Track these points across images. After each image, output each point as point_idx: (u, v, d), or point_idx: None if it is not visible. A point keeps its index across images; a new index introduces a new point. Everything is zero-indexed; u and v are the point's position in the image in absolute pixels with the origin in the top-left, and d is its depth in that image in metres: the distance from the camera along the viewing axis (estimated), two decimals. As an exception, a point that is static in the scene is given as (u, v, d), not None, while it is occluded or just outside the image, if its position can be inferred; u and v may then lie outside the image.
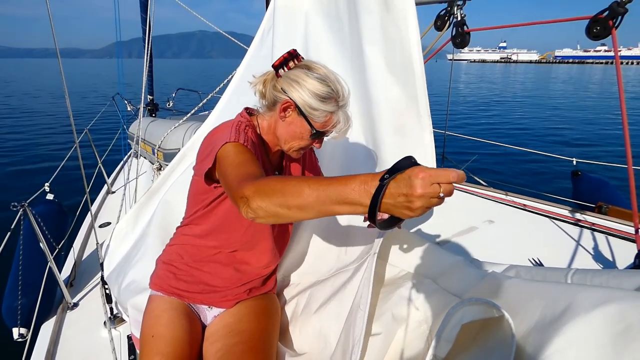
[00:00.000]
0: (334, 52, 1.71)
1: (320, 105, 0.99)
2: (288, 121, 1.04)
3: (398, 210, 0.63)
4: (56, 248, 1.85)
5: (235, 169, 0.85)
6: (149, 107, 4.26)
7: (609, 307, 0.64)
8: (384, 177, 0.63)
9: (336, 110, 1.02)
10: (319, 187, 0.67)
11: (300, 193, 0.67)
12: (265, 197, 0.70)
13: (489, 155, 7.29)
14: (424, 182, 0.59)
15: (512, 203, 2.35)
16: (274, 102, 1.04)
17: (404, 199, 0.61)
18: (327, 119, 1.02)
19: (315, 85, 0.98)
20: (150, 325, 1.03)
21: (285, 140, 1.07)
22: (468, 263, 1.12)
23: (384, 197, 0.62)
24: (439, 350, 0.84)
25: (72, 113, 1.64)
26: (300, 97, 0.99)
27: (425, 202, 0.60)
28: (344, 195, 0.65)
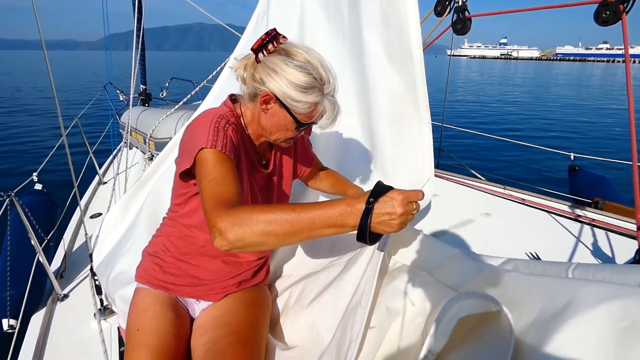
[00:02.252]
0: (331, 39, 1.66)
1: (301, 96, 0.91)
2: (270, 113, 0.97)
3: (381, 227, 0.72)
4: (45, 239, 1.82)
5: (210, 186, 0.80)
6: (141, 97, 4.20)
7: (612, 303, 0.61)
8: (370, 201, 0.72)
9: (321, 100, 0.94)
10: (309, 212, 0.71)
11: (289, 221, 0.71)
12: (247, 227, 0.70)
13: (486, 148, 7.29)
14: (403, 203, 0.71)
15: (510, 197, 2.33)
16: (254, 93, 0.96)
17: (387, 218, 0.71)
18: (312, 110, 0.95)
19: (294, 74, 0.90)
20: (136, 318, 1.00)
21: (271, 132, 1.00)
22: (465, 256, 1.10)
23: (372, 218, 0.71)
24: (434, 345, 0.82)
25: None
26: (279, 88, 0.91)
27: (404, 219, 0.71)
28: (332, 218, 0.71)
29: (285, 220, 0.70)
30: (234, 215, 0.72)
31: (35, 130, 9.20)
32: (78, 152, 3.43)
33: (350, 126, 1.68)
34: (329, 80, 0.94)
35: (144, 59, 4.22)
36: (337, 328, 0.98)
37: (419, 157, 1.55)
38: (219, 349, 0.93)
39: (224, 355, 0.91)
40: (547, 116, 12.36)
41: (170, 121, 2.64)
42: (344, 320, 0.98)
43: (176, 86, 4.84)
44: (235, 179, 0.84)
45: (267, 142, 1.10)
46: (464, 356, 0.80)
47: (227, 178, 0.82)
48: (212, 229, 0.73)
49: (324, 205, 0.72)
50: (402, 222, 0.71)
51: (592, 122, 11.27)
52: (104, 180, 3.10)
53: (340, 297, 1.04)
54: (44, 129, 9.28)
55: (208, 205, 0.77)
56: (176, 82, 4.87)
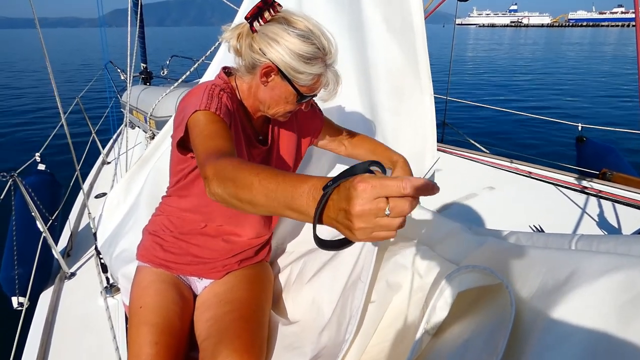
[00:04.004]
0: (330, 9, 1.60)
1: (305, 67, 0.87)
2: (270, 86, 0.92)
3: (342, 228, 0.49)
4: (50, 219, 1.84)
5: (203, 141, 0.77)
6: (142, 76, 4.14)
7: (616, 274, 0.59)
8: (327, 185, 0.50)
9: (324, 71, 0.90)
10: (269, 184, 0.56)
11: (250, 187, 0.59)
12: (221, 184, 0.63)
13: (492, 121, 7.15)
14: (364, 196, 0.45)
15: (516, 170, 2.29)
16: (252, 65, 0.91)
17: (343, 216, 0.47)
18: (315, 82, 0.91)
19: (297, 44, 0.85)
20: (138, 297, 1.01)
21: (269, 106, 0.96)
22: (466, 229, 1.08)
23: (325, 210, 0.50)
24: (434, 319, 0.82)
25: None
26: (281, 59, 0.86)
27: (369, 223, 0.46)
28: (291, 200, 0.53)
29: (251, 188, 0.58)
30: (218, 166, 0.66)
31: (38, 110, 9.20)
32: (80, 132, 3.44)
33: (350, 98, 1.64)
34: (330, 50, 0.90)
35: (143, 36, 4.12)
36: (337, 303, 0.98)
37: (420, 129, 1.52)
38: (222, 326, 0.94)
39: (227, 332, 0.92)
40: (556, 86, 12.04)
41: (170, 99, 2.60)
42: (344, 295, 0.98)
43: (177, 64, 4.76)
44: (228, 137, 0.80)
45: (264, 117, 1.06)
46: (464, 330, 0.80)
47: (221, 134, 0.79)
48: (203, 179, 0.69)
49: (292, 181, 0.55)
50: (367, 228, 0.46)
51: (602, 92, 10.96)
52: (108, 160, 3.11)
53: (340, 273, 1.04)
54: (48, 108, 9.29)
55: (201, 158, 0.73)
56: (177, 60, 4.79)
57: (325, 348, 0.91)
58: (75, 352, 1.30)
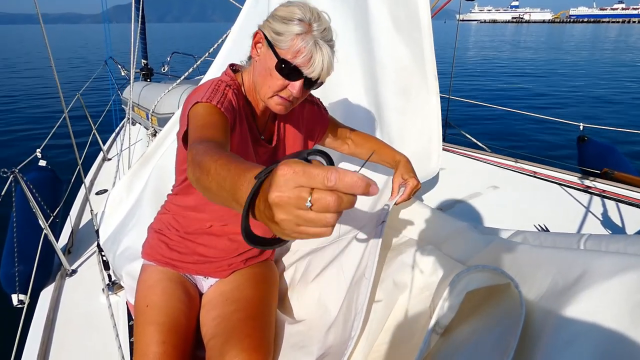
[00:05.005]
0: (336, 8, 1.59)
1: (283, 27, 0.85)
2: (259, 60, 0.91)
3: (267, 222, 0.43)
4: (51, 215, 1.83)
5: (195, 131, 0.75)
6: (143, 72, 4.12)
7: (628, 275, 0.59)
8: (260, 173, 0.44)
9: (303, 33, 0.85)
10: (222, 171, 0.52)
11: (208, 173, 0.54)
12: (192, 168, 0.61)
13: (494, 120, 7.14)
14: (282, 181, 0.39)
15: (519, 169, 2.28)
16: (251, 46, 0.94)
17: (266, 206, 0.41)
18: (293, 44, 0.84)
19: (282, 8, 0.88)
20: (144, 296, 1.00)
21: (260, 85, 0.91)
22: (472, 229, 1.08)
23: (257, 201, 0.44)
24: (442, 318, 0.81)
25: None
26: (268, 25, 0.88)
27: (290, 215, 0.39)
28: (235, 190, 0.48)
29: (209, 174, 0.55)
30: (195, 151, 0.63)
31: (38, 107, 9.18)
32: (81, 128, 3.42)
33: (356, 97, 1.63)
34: (318, 21, 0.86)
35: (144, 32, 4.10)
36: (343, 301, 0.98)
37: (427, 129, 1.51)
38: (229, 324, 0.94)
39: (235, 330, 0.92)
40: (558, 85, 12.00)
41: (172, 96, 2.59)
42: (349, 293, 0.98)
43: (178, 61, 4.74)
44: (222, 129, 0.78)
45: (270, 114, 1.06)
46: (473, 330, 0.80)
47: (215, 125, 0.78)
48: None
49: (240, 168, 0.50)
50: (289, 220, 0.40)
51: (604, 91, 10.91)
52: (109, 156, 3.10)
53: (345, 271, 1.04)
54: (48, 105, 9.26)
55: (188, 146, 0.72)
56: (178, 57, 4.76)
57: (332, 347, 0.91)
58: (77, 349, 1.29)
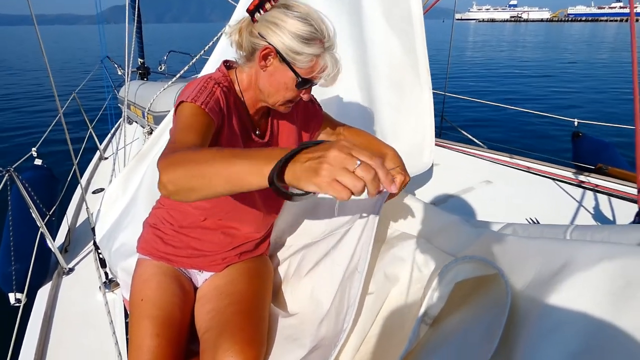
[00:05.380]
0: (330, 5, 1.60)
1: (303, 48, 0.87)
2: (270, 71, 0.91)
3: (306, 173, 0.54)
4: (47, 214, 1.83)
5: (174, 133, 0.77)
6: (140, 71, 4.13)
7: (610, 262, 0.60)
8: (307, 143, 0.59)
9: (322, 52, 0.89)
10: (233, 151, 0.62)
11: (204, 164, 0.62)
12: (177, 169, 0.65)
13: (490, 116, 7.15)
14: (342, 146, 0.54)
15: (513, 164, 2.29)
16: (252, 50, 0.91)
17: (315, 162, 0.54)
18: (313, 64, 0.89)
19: (296, 25, 0.85)
20: (139, 290, 1.01)
21: (269, 94, 0.94)
22: (463, 222, 1.09)
23: (293, 160, 0.56)
24: (431, 309, 0.82)
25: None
26: (280, 40, 0.86)
27: (336, 166, 0.53)
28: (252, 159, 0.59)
29: (208, 158, 0.63)
30: (170, 157, 0.67)
31: (34, 106, 9.16)
32: (77, 128, 3.42)
33: (349, 92, 1.64)
34: (329, 34, 0.90)
35: (140, 31, 4.11)
36: (335, 294, 0.99)
37: (419, 123, 1.53)
38: (223, 318, 0.94)
39: (229, 324, 0.92)
40: (554, 82, 12.02)
41: (168, 94, 2.59)
42: (341, 286, 0.98)
43: (175, 60, 4.73)
44: (202, 132, 0.79)
45: (263, 111, 1.06)
46: (461, 320, 0.81)
47: (193, 127, 0.79)
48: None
49: (258, 149, 0.62)
50: (329, 175, 0.53)
51: (599, 87, 10.93)
52: (105, 155, 3.10)
53: (338, 265, 1.05)
54: (45, 104, 9.25)
55: (162, 151, 0.73)
56: (176, 56, 4.76)
57: (324, 339, 0.91)
58: (75, 347, 1.29)
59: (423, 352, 0.79)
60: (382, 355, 0.86)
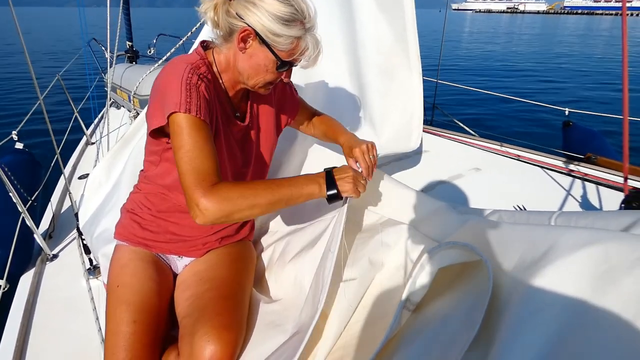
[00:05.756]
0: None
1: (283, 30, 0.84)
2: (249, 53, 0.89)
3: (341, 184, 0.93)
4: (29, 199, 1.79)
5: (187, 159, 0.81)
6: (128, 55, 4.03)
7: (592, 247, 0.59)
8: (326, 169, 0.97)
9: (303, 34, 0.87)
10: (284, 190, 0.87)
11: (268, 202, 0.85)
12: (232, 205, 0.80)
13: (482, 105, 7.17)
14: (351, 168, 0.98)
15: (501, 152, 2.29)
16: (230, 31, 0.88)
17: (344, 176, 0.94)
18: (294, 46, 0.88)
19: (275, 5, 0.82)
20: (116, 275, 0.99)
21: (249, 76, 0.92)
22: (450, 208, 1.08)
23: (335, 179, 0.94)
24: (414, 295, 0.82)
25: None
26: (259, 21, 0.83)
27: (354, 179, 0.94)
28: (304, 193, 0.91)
29: (263, 198, 0.83)
30: (217, 194, 0.78)
31: (18, 87, 8.93)
32: (63, 111, 3.34)
33: (339, 77, 1.62)
34: (309, 13, 0.88)
35: (128, 13, 4.01)
36: (313, 279, 0.98)
37: (408, 107, 1.51)
38: (201, 303, 0.93)
39: (206, 309, 0.91)
40: (548, 72, 12.06)
41: (154, 77, 2.53)
42: (318, 269, 0.98)
43: (165, 43, 4.64)
44: (212, 150, 0.83)
45: (243, 92, 1.03)
46: (444, 306, 0.80)
47: (204, 150, 0.82)
48: (194, 207, 0.78)
49: (296, 182, 0.89)
50: (355, 181, 0.93)
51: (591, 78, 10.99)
52: (92, 140, 3.03)
53: (320, 251, 1.04)
54: (29, 86, 9.01)
55: (187, 181, 0.79)
56: (166, 40, 4.65)
57: (304, 324, 0.91)
58: (57, 334, 1.27)
59: (405, 338, 0.78)
60: (365, 342, 0.86)
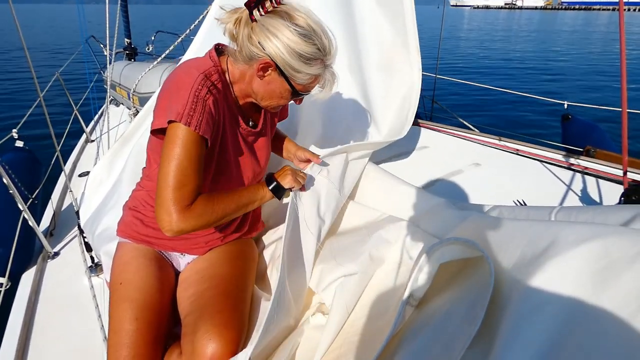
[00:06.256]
0: None
1: (303, 67, 0.88)
2: (267, 80, 0.92)
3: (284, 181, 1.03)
4: (30, 197, 1.78)
5: (173, 168, 0.83)
6: (127, 52, 4.02)
7: (592, 243, 0.59)
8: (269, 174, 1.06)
9: (322, 72, 0.92)
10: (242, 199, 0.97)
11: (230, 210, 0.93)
12: (200, 220, 0.86)
13: (481, 99, 7.17)
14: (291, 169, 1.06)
15: (503, 147, 2.29)
16: (250, 57, 0.90)
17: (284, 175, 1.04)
18: (312, 81, 0.93)
19: (298, 43, 0.85)
20: (119, 272, 0.99)
21: (263, 97, 0.97)
22: (450, 205, 1.09)
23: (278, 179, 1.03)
24: (416, 291, 0.82)
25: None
26: (280, 55, 0.86)
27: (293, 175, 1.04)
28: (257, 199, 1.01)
29: (229, 210, 0.92)
30: (191, 212, 0.84)
31: (18, 85, 8.88)
32: (63, 109, 3.33)
33: (339, 73, 1.61)
34: (330, 50, 0.91)
35: (126, 10, 3.99)
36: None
37: (406, 101, 1.52)
38: (202, 302, 0.94)
39: (207, 307, 0.92)
40: (546, 66, 12.05)
41: (153, 75, 2.53)
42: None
43: (164, 40, 4.61)
44: (199, 168, 0.86)
45: (252, 101, 1.05)
46: (446, 301, 0.81)
47: (192, 166, 0.85)
48: (164, 219, 0.82)
49: (251, 190, 1.00)
50: (293, 174, 1.02)
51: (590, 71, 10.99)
52: (92, 138, 3.03)
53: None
54: (29, 84, 8.96)
55: (166, 193, 0.82)
56: (165, 37, 4.63)
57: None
58: (59, 332, 1.28)
59: (407, 334, 0.79)
60: (367, 338, 0.86)
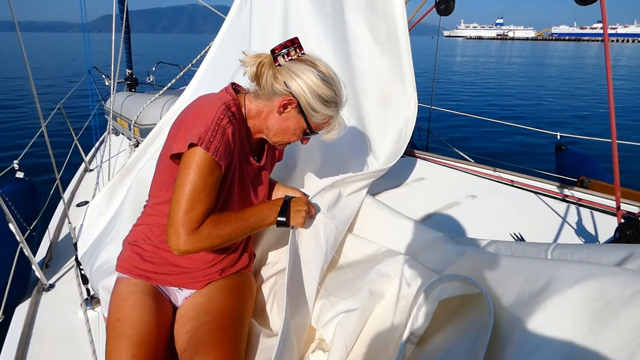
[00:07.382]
0: (316, 23, 1.63)
1: (322, 108, 0.98)
2: (285, 116, 1.01)
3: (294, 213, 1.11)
4: (27, 228, 1.78)
5: (188, 192, 0.90)
6: (128, 82, 4.10)
7: (588, 283, 0.61)
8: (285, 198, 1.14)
9: (335, 115, 1.03)
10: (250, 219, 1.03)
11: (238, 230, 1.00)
12: (207, 242, 0.93)
13: (475, 130, 7.30)
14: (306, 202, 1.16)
15: (498, 178, 2.32)
16: (272, 93, 0.99)
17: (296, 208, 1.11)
18: (325, 122, 1.03)
19: (321, 87, 0.96)
20: (116, 309, 0.99)
21: (276, 133, 1.04)
22: (448, 239, 1.10)
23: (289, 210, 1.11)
24: (417, 328, 0.82)
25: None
26: (303, 95, 0.96)
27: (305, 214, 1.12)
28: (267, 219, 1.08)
29: (235, 235, 0.98)
30: (199, 234, 0.91)
31: (18, 115, 8.97)
32: (63, 139, 3.37)
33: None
34: (343, 97, 1.03)
35: (129, 41, 4.11)
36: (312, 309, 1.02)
37: (402, 134, 1.56)
38: (199, 337, 0.93)
39: (204, 342, 0.91)
40: (538, 97, 12.35)
41: (155, 107, 2.58)
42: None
43: (165, 71, 4.72)
44: (213, 195, 0.94)
45: (260, 137, 1.11)
46: (446, 339, 0.81)
47: (206, 192, 0.91)
48: (174, 239, 0.89)
49: (259, 211, 1.05)
50: (306, 216, 1.11)
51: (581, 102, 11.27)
52: (90, 167, 3.04)
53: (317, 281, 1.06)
54: (29, 114, 9.06)
55: (178, 215, 0.89)
56: (165, 67, 4.75)
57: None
58: None
59: None
60: None
